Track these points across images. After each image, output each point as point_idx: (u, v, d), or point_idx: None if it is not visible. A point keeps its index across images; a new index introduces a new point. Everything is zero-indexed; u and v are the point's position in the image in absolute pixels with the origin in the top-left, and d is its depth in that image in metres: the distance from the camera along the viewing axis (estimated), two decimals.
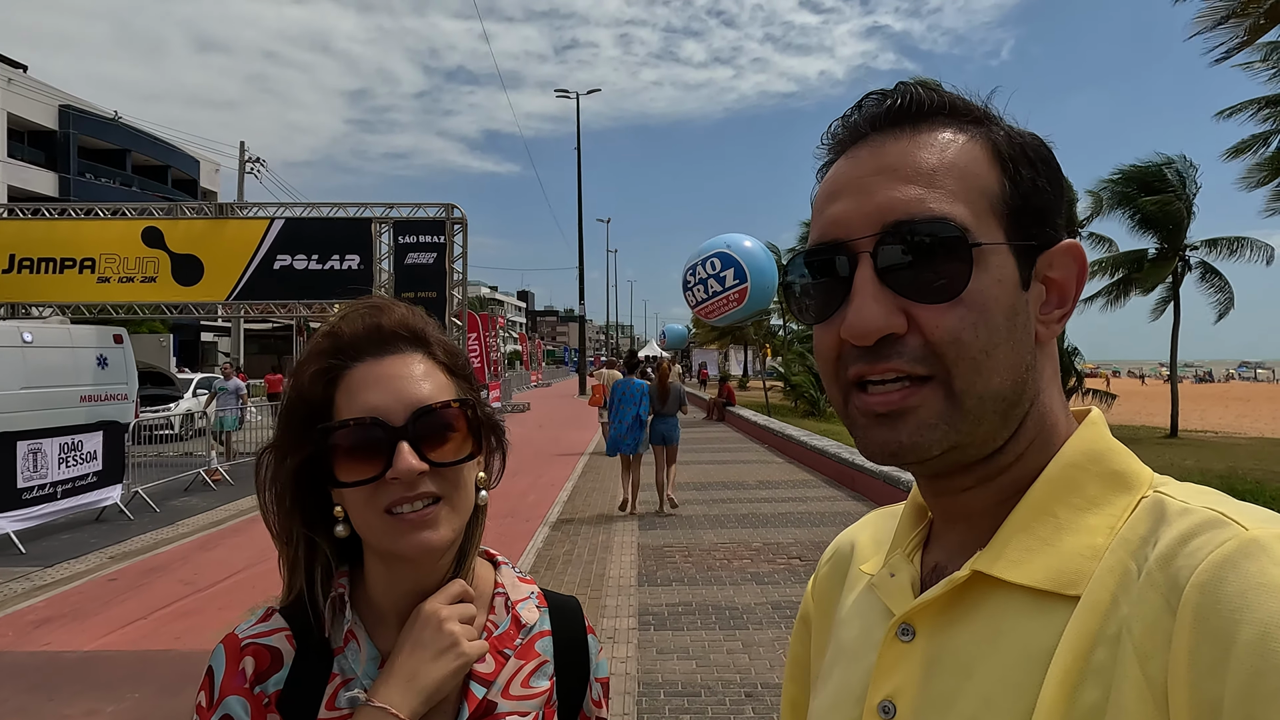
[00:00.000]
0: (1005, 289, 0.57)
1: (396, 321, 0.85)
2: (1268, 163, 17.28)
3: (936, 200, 0.57)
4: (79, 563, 7.40)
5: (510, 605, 0.92)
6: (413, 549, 0.79)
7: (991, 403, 0.56)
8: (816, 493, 10.48)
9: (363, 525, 0.81)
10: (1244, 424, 26.55)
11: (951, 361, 0.55)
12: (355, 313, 0.85)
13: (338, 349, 0.83)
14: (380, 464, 0.78)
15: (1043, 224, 0.60)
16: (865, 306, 0.56)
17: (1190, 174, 20.47)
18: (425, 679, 0.79)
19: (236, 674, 0.81)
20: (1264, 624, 0.43)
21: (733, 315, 11.19)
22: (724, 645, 5.03)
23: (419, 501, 0.79)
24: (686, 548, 7.58)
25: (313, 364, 0.83)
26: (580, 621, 0.97)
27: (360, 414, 0.79)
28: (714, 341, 38.64)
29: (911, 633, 0.60)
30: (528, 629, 0.91)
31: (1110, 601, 0.51)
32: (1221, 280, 21.41)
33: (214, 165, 40.67)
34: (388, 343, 0.83)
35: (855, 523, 0.83)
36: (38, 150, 30.94)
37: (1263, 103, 16.96)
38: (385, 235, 14.61)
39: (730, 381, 26.21)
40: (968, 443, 0.57)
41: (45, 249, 14.51)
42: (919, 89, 0.62)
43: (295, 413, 0.83)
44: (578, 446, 16.18)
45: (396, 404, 0.80)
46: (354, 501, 0.80)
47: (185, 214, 15.25)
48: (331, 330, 0.85)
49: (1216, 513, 0.50)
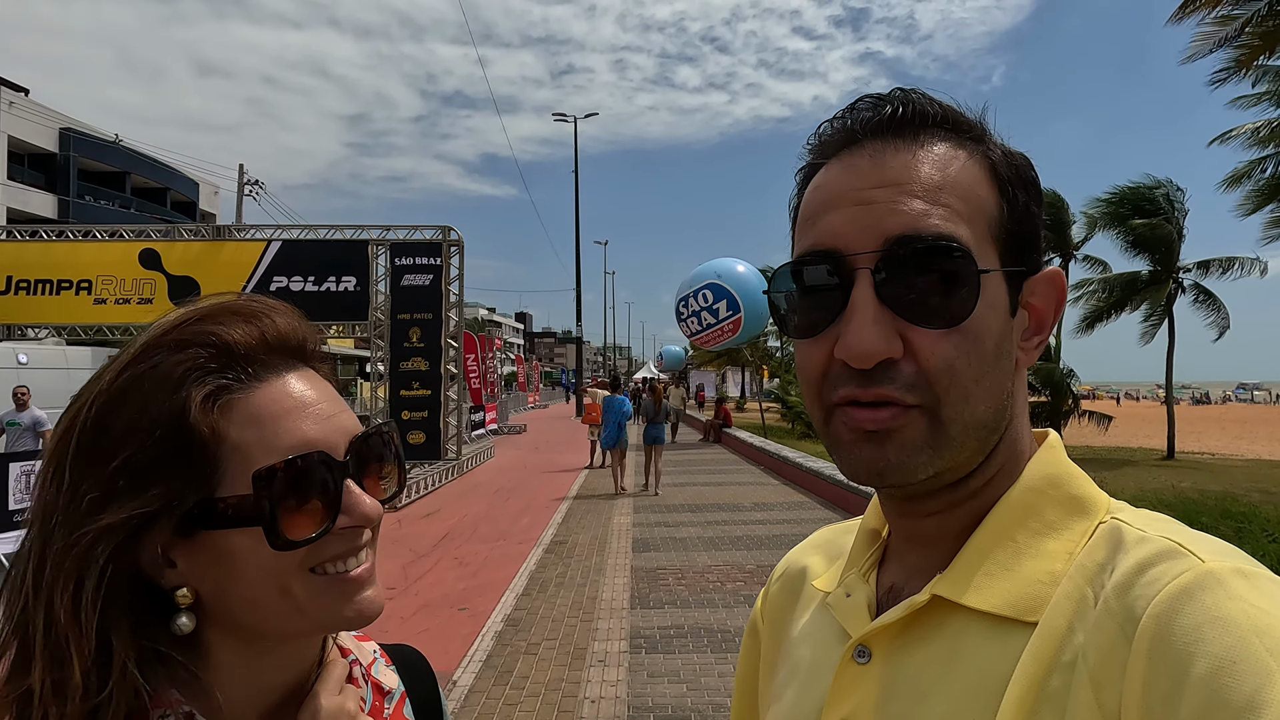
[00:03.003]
0: (997, 316, 0.56)
1: (283, 331, 0.66)
2: (1263, 188, 17.44)
3: (943, 220, 0.54)
4: None
5: (365, 672, 0.76)
6: (360, 615, 0.63)
7: (975, 430, 0.56)
8: (812, 515, 10.44)
9: (266, 599, 0.61)
10: (1241, 446, 26.51)
11: (943, 390, 0.54)
12: (230, 314, 0.64)
13: (229, 363, 0.61)
14: (322, 511, 0.61)
15: (1032, 250, 0.59)
16: (865, 329, 0.53)
17: (1178, 197, 20.65)
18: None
19: None
20: (1217, 659, 0.43)
21: (729, 344, 11.25)
22: (716, 669, 4.99)
23: (363, 552, 0.64)
24: (680, 570, 7.54)
25: (194, 383, 0.59)
26: (430, 674, 0.85)
27: (299, 448, 0.61)
28: (711, 363, 38.69)
29: (868, 655, 0.59)
30: (391, 695, 0.77)
31: (1066, 628, 0.51)
32: (1215, 302, 21.50)
33: (213, 188, 40.84)
34: (289, 354, 0.66)
35: (806, 539, 0.82)
36: (38, 173, 31.08)
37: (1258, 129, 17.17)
38: (382, 257, 14.67)
39: (727, 403, 26.17)
40: (949, 468, 0.56)
41: (42, 270, 14.54)
42: (919, 97, 0.59)
43: (159, 457, 0.57)
44: (573, 468, 16.13)
45: (336, 433, 0.64)
46: (265, 568, 0.60)
47: (183, 236, 15.31)
48: (208, 338, 0.61)
49: (1173, 543, 0.50)
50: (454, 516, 10.41)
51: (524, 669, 5.02)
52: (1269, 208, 17.62)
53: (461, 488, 13.29)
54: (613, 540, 9.00)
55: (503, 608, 6.36)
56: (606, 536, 9.21)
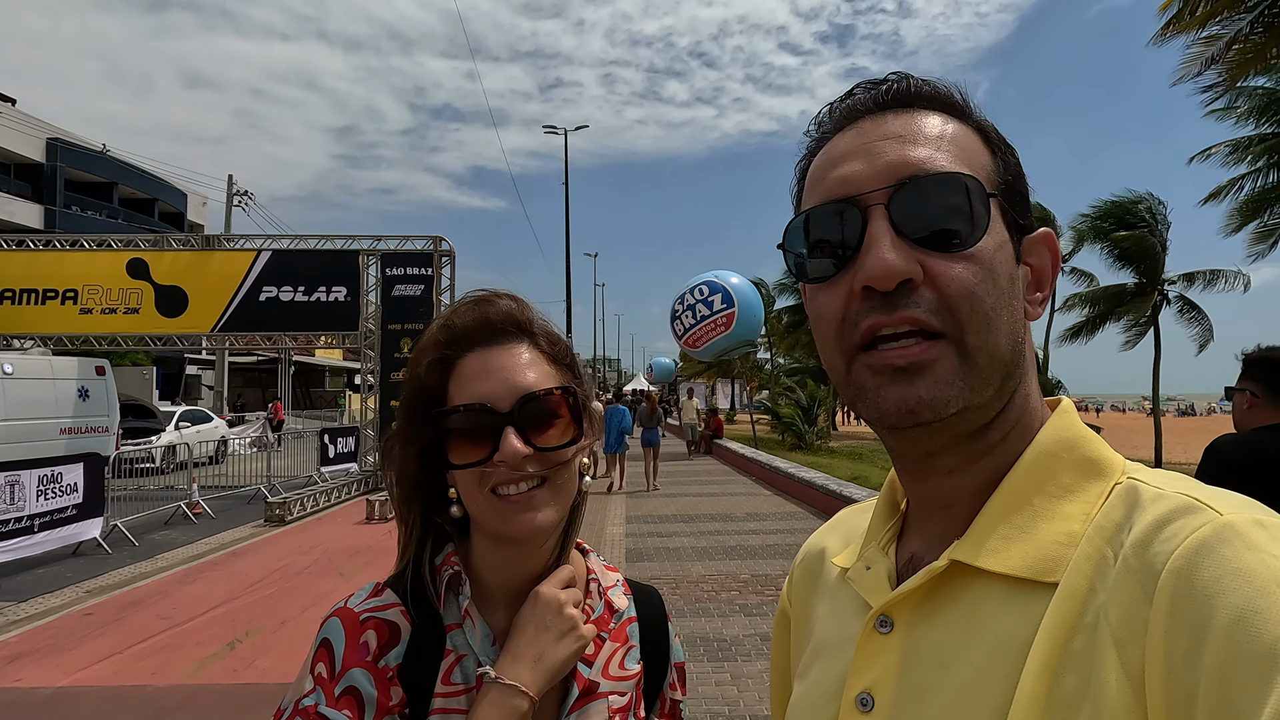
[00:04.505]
0: (1005, 255, 0.58)
1: (503, 313, 0.89)
2: (1244, 206, 17.70)
3: (946, 159, 0.58)
4: (54, 597, 7.22)
5: (602, 591, 0.96)
6: (517, 529, 0.83)
7: (999, 364, 0.56)
8: (804, 525, 10.43)
9: (472, 506, 0.85)
10: None
11: (966, 316, 0.55)
12: (465, 305, 0.90)
13: (451, 340, 0.87)
14: (489, 448, 0.82)
15: (1022, 211, 0.61)
16: (885, 251, 0.55)
17: (1160, 211, 20.94)
18: (550, 659, 0.83)
19: (358, 647, 0.82)
20: (1239, 610, 0.43)
21: (719, 343, 11.26)
22: (712, 677, 4.97)
23: (524, 484, 0.83)
24: (674, 580, 7.51)
25: (428, 355, 0.87)
26: (662, 609, 1.02)
27: (471, 400, 0.84)
28: (701, 375, 38.71)
29: (890, 624, 0.59)
30: (619, 614, 0.96)
31: (1087, 589, 0.51)
32: (1200, 313, 21.75)
33: (201, 199, 40.69)
34: (496, 333, 0.88)
35: (824, 523, 0.83)
36: (24, 183, 30.86)
37: (1235, 145, 17.45)
38: (373, 267, 14.63)
39: (719, 414, 26.10)
40: (978, 404, 0.57)
41: (27, 280, 14.42)
42: (912, 78, 0.63)
43: (414, 401, 0.87)
44: None
45: (503, 391, 0.84)
46: (464, 483, 0.85)
47: (171, 245, 15.22)
48: (445, 323, 0.89)
49: (1190, 498, 0.50)
50: None
51: None
52: (1250, 226, 17.86)
53: None
54: (606, 551, 8.97)
55: None
56: (599, 547, 9.17)
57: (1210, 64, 13.77)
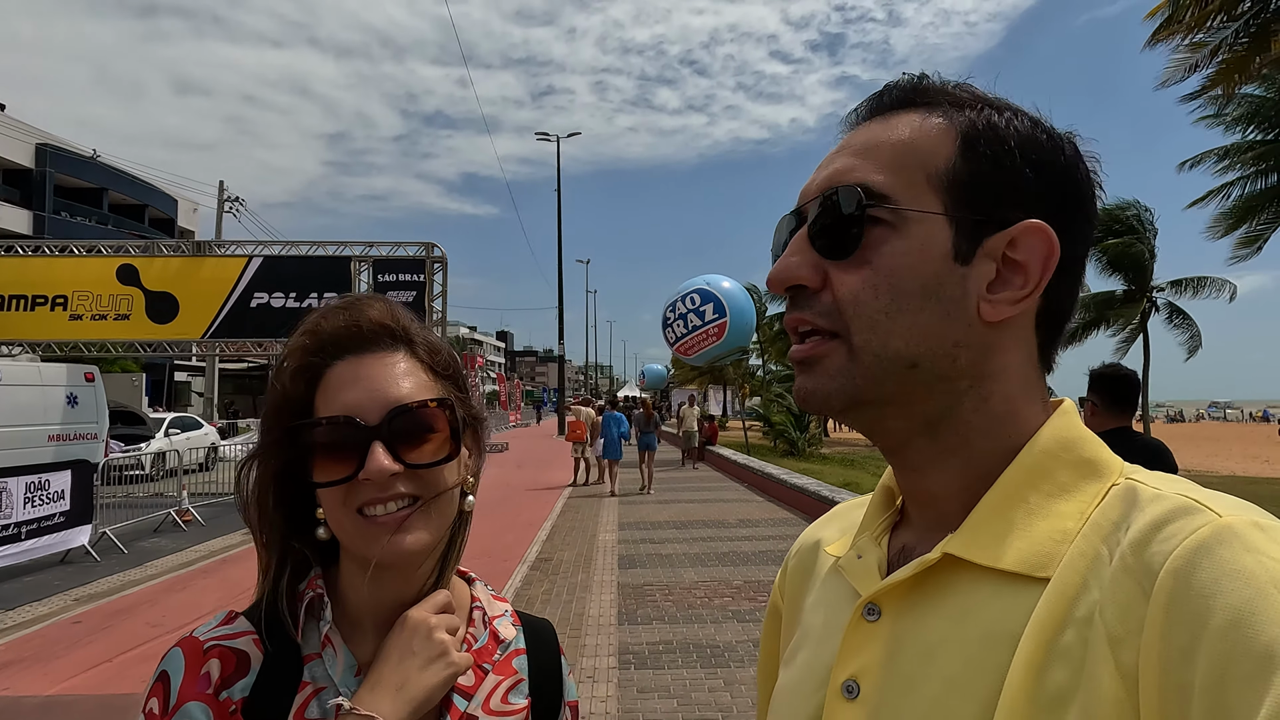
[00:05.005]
0: (927, 258, 0.58)
1: (377, 318, 0.82)
2: (1233, 211, 17.84)
3: (863, 170, 0.60)
4: (42, 605, 7.16)
5: (488, 620, 0.90)
6: (385, 553, 0.76)
7: (890, 364, 0.58)
8: (797, 530, 10.37)
9: (337, 527, 0.79)
10: (1215, 463, 26.89)
11: (850, 318, 0.59)
12: (335, 309, 0.83)
13: (318, 347, 0.80)
14: (354, 464, 0.76)
15: (998, 203, 0.59)
16: (782, 260, 0.62)
17: (1148, 218, 21.11)
18: (415, 688, 0.76)
19: (198, 678, 0.76)
20: (1235, 611, 0.43)
21: (711, 351, 11.23)
22: (705, 684, 4.96)
23: (392, 503, 0.77)
24: (667, 586, 7.50)
25: (292, 362, 0.81)
26: (554, 643, 0.95)
27: (336, 413, 0.77)
28: (693, 381, 38.69)
29: (878, 613, 0.60)
30: (505, 645, 0.89)
31: (1081, 585, 0.51)
32: (1188, 320, 21.90)
33: (192, 205, 40.52)
34: (368, 340, 0.81)
35: (821, 516, 0.83)
36: (13, 188, 30.68)
37: (1222, 152, 17.61)
38: (365, 274, 14.59)
39: (714, 421, 26.05)
40: (872, 399, 0.59)
41: (16, 286, 14.31)
42: (902, 82, 0.64)
43: (276, 413, 0.80)
44: (557, 486, 16.04)
45: (372, 403, 0.77)
46: (329, 502, 0.78)
47: (162, 251, 15.15)
48: (312, 328, 0.82)
49: (1189, 499, 0.51)
50: None
51: None
52: (1238, 231, 18.00)
53: None
54: (598, 557, 8.95)
55: None
56: (592, 554, 9.15)
57: (1194, 70, 13.90)
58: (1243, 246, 18.24)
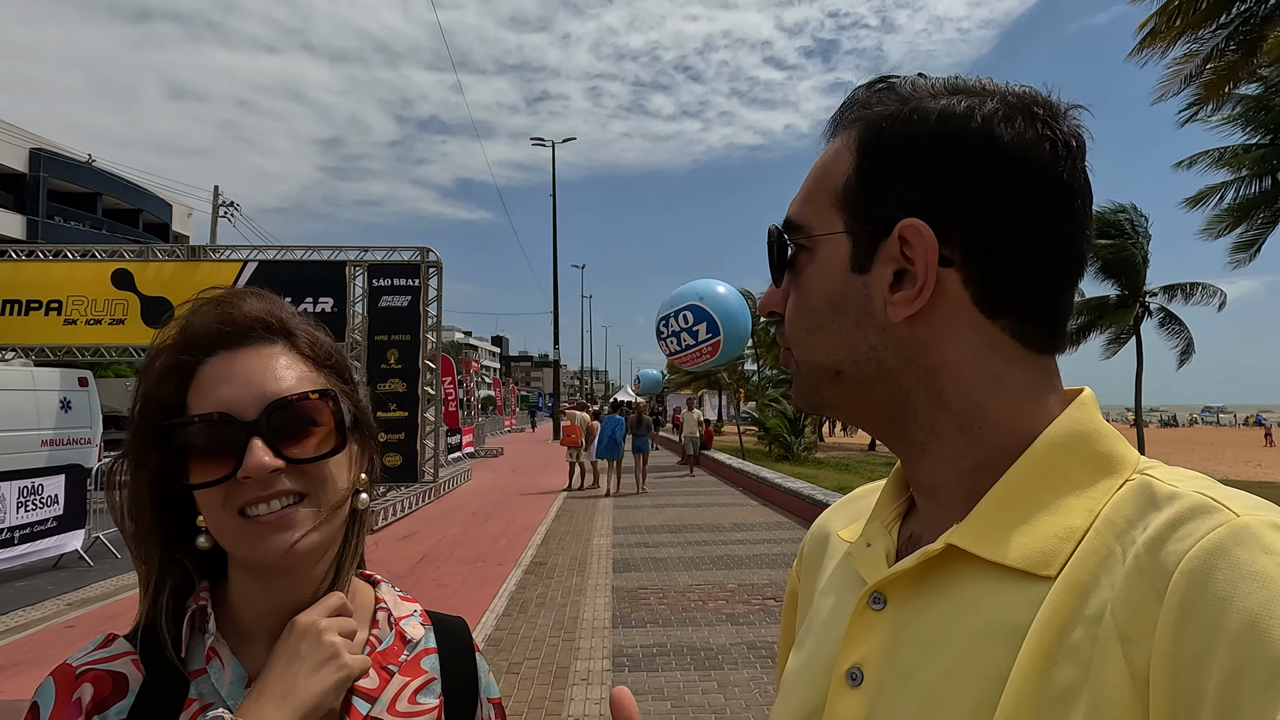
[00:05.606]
0: (829, 275, 0.62)
1: (251, 311, 0.78)
2: (1230, 212, 17.92)
3: (796, 205, 0.66)
4: (34, 610, 7.14)
5: (394, 621, 0.86)
6: (270, 554, 0.73)
7: (817, 373, 0.64)
8: (791, 534, 10.46)
9: (219, 532, 0.75)
10: (1208, 467, 27.00)
11: (789, 339, 0.67)
12: (206, 303, 0.78)
13: (189, 344, 0.75)
14: (232, 462, 0.72)
15: (893, 208, 0.59)
16: (766, 291, 0.70)
17: (1141, 222, 21.18)
18: (302, 694, 0.72)
19: (69, 705, 0.72)
20: (1252, 615, 0.42)
21: (707, 365, 11.28)
22: (699, 686, 4.98)
23: (276, 501, 0.73)
24: (661, 590, 7.51)
25: (161, 360, 0.75)
26: (468, 639, 0.92)
27: (209, 410, 0.73)
28: (688, 386, 38.72)
29: (883, 601, 0.60)
30: (413, 644, 0.86)
31: (1091, 582, 0.50)
32: (1180, 325, 21.99)
33: (186, 210, 40.49)
34: (243, 334, 0.77)
35: (838, 500, 0.84)
36: (6, 193, 30.62)
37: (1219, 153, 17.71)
38: (360, 278, 14.60)
39: (710, 425, 26.01)
40: (821, 404, 0.66)
41: (10, 290, 14.29)
42: (855, 94, 0.65)
43: (145, 416, 0.75)
44: (552, 490, 16.04)
45: (248, 398, 0.73)
46: (208, 506, 0.74)
47: (156, 256, 15.14)
48: (182, 324, 0.77)
49: (1207, 497, 0.49)
50: (431, 539, 10.28)
51: (506, 688, 4.96)
52: (1233, 234, 18.09)
53: (439, 510, 13.13)
54: (593, 561, 8.95)
55: (483, 628, 6.29)
56: (586, 557, 9.16)
57: (1189, 80, 14.00)
58: (1239, 251, 18.31)
